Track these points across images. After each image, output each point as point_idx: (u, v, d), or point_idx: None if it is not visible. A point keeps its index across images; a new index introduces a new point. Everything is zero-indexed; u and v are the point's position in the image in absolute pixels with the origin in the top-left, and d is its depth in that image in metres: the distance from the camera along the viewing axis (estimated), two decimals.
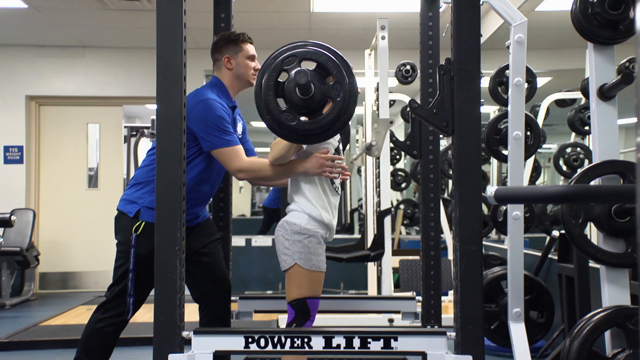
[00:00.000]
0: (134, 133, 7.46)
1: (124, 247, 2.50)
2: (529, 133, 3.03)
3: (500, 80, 3.18)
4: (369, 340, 1.91)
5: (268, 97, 1.96)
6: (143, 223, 2.46)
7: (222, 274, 2.67)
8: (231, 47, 2.60)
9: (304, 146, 2.32)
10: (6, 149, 6.47)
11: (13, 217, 5.37)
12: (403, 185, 6.65)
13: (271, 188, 8.21)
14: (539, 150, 3.62)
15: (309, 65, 2.00)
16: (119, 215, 2.56)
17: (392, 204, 5.50)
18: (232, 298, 2.81)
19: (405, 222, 6.58)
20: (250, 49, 2.63)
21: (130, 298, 2.45)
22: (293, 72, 1.94)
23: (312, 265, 2.28)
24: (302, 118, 1.99)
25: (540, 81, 5.00)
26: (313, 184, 2.35)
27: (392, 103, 5.30)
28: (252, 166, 2.43)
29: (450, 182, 5.76)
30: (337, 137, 2.44)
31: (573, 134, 4.69)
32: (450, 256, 4.69)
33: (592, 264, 2.78)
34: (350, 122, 2.09)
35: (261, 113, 1.99)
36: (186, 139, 2.11)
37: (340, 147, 2.47)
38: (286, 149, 2.26)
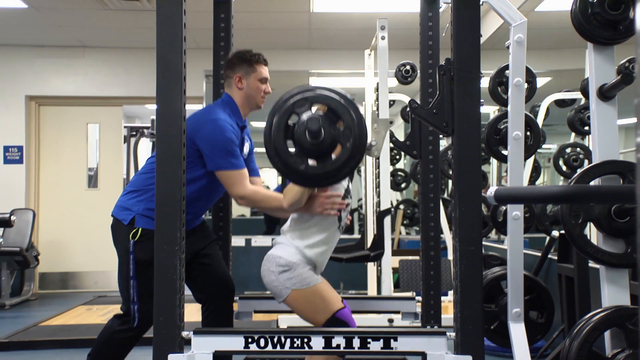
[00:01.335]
0: (134, 133, 7.45)
1: (125, 256, 2.48)
2: (528, 133, 3.03)
3: (500, 80, 3.18)
4: (369, 340, 1.91)
5: (277, 140, 1.93)
6: (140, 229, 2.44)
7: (224, 274, 2.67)
8: (244, 66, 2.56)
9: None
10: (6, 149, 6.47)
11: (13, 217, 5.37)
12: (403, 185, 6.65)
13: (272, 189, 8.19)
14: (538, 150, 3.62)
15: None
16: (115, 223, 2.54)
17: (391, 204, 5.50)
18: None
19: (405, 222, 6.58)
20: (263, 71, 2.59)
21: (135, 305, 2.44)
22: (304, 115, 1.92)
23: (308, 284, 2.27)
24: (311, 161, 1.97)
25: (540, 81, 5.00)
26: (315, 220, 2.34)
27: (391, 103, 5.30)
28: (254, 196, 2.43)
29: (450, 182, 5.76)
30: (347, 177, 2.43)
31: (573, 134, 4.69)
32: (450, 256, 4.69)
33: (591, 264, 2.78)
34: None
35: (270, 156, 1.96)
36: (191, 155, 2.09)
37: (350, 185, 2.47)
38: (300, 194, 2.24)
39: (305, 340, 1.92)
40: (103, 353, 2.53)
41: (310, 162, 1.98)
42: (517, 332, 2.59)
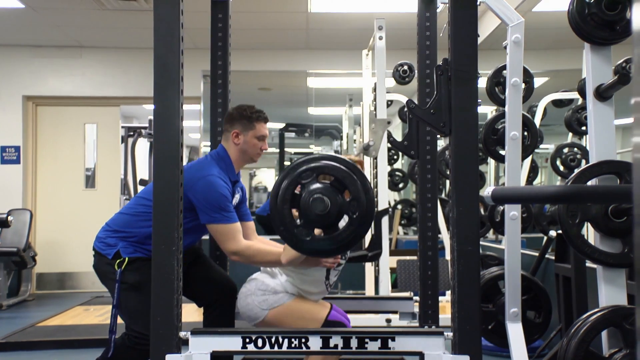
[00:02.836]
0: (132, 133, 7.44)
1: (112, 287, 2.43)
2: (526, 133, 3.04)
3: (498, 80, 3.19)
4: (367, 340, 1.91)
5: (284, 211, 1.91)
6: (126, 258, 2.40)
7: (223, 276, 2.68)
8: (244, 122, 2.54)
9: None
10: (3, 149, 6.46)
11: (10, 218, 5.36)
12: (400, 185, 6.65)
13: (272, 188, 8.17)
14: (536, 150, 3.63)
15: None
16: (98, 259, 2.49)
17: (389, 204, 5.50)
18: None
19: (402, 222, 6.58)
20: (262, 129, 2.57)
21: (113, 335, 2.41)
22: (311, 186, 1.90)
23: (283, 302, 2.35)
24: (317, 230, 1.96)
25: (538, 81, 5.00)
26: (304, 270, 2.39)
27: (389, 103, 5.30)
28: (247, 251, 2.41)
29: (447, 182, 5.77)
30: None
31: (570, 134, 4.69)
32: (448, 256, 4.70)
33: (589, 264, 2.79)
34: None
35: (275, 225, 1.94)
36: (183, 208, 2.06)
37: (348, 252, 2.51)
38: (299, 254, 2.24)
39: (303, 340, 1.92)
40: None
41: (317, 231, 1.96)
42: (515, 332, 2.60)
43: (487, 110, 5.59)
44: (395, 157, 6.61)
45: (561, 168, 4.59)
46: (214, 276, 2.64)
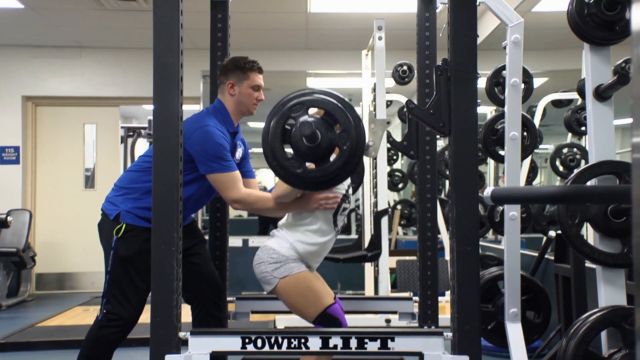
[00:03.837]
0: (131, 133, 7.42)
1: (107, 252, 2.49)
2: (525, 133, 3.04)
3: (497, 80, 3.19)
4: (366, 340, 1.91)
5: (275, 144, 1.94)
6: (124, 225, 2.44)
7: (212, 274, 2.67)
8: (238, 73, 2.55)
9: None
10: (2, 149, 6.46)
11: (9, 218, 5.36)
12: (400, 185, 6.65)
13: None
14: (535, 150, 3.63)
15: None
16: (102, 218, 2.56)
17: (389, 204, 5.49)
18: (229, 298, 2.81)
19: (402, 222, 6.59)
20: (257, 78, 2.57)
21: (104, 299, 2.45)
22: (301, 119, 1.93)
23: (294, 271, 2.31)
24: (309, 164, 1.98)
25: (537, 82, 5.01)
26: (311, 219, 2.37)
27: (389, 103, 5.31)
28: (249, 198, 2.43)
29: (447, 182, 5.77)
30: (347, 182, 2.44)
31: (569, 134, 4.70)
32: (447, 256, 4.70)
33: (588, 264, 2.79)
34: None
35: (268, 159, 1.98)
36: (183, 161, 2.10)
37: (350, 191, 2.48)
38: (290, 190, 2.27)
39: (303, 340, 1.92)
40: (93, 352, 2.49)
41: (309, 165, 1.97)
42: (514, 332, 2.60)
43: (486, 110, 5.60)
44: (394, 157, 6.61)
45: (560, 168, 4.59)
46: (204, 271, 2.64)
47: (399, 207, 6.51)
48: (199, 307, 2.63)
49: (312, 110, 1.99)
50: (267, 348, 1.92)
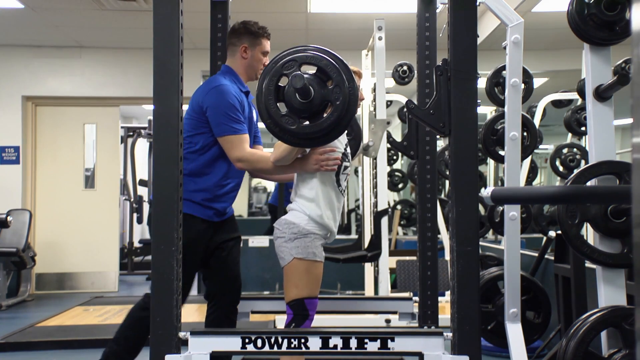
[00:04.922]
0: (131, 133, 7.43)
1: None
2: (525, 134, 3.04)
3: (497, 81, 3.19)
4: (366, 340, 1.91)
5: (268, 101, 1.97)
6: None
7: (236, 272, 2.69)
8: (251, 38, 2.64)
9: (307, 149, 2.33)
10: (2, 149, 6.46)
11: (9, 218, 5.36)
12: (400, 185, 6.65)
13: (273, 186, 8.22)
14: (535, 150, 3.63)
15: (309, 69, 2.01)
16: None
17: (389, 204, 5.50)
18: None
19: (402, 222, 6.59)
20: (267, 45, 2.68)
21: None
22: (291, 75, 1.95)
23: (309, 254, 2.31)
24: (303, 122, 2.00)
25: (537, 82, 5.01)
26: (317, 183, 2.37)
27: (389, 104, 5.31)
28: (252, 157, 2.47)
29: (447, 182, 5.77)
30: (344, 141, 2.44)
31: (569, 134, 4.70)
32: (447, 256, 4.70)
33: (588, 264, 2.79)
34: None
35: (262, 116, 2.01)
36: (202, 122, 2.26)
37: (349, 151, 2.47)
38: (288, 151, 2.29)
39: (302, 340, 1.92)
40: (127, 331, 2.54)
41: (303, 122, 2.00)
42: (514, 333, 2.60)
43: (486, 110, 5.60)
44: (394, 157, 6.61)
45: (560, 168, 4.59)
46: (231, 267, 2.66)
47: (398, 207, 6.51)
48: (215, 305, 2.64)
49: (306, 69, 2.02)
50: (267, 348, 1.92)
